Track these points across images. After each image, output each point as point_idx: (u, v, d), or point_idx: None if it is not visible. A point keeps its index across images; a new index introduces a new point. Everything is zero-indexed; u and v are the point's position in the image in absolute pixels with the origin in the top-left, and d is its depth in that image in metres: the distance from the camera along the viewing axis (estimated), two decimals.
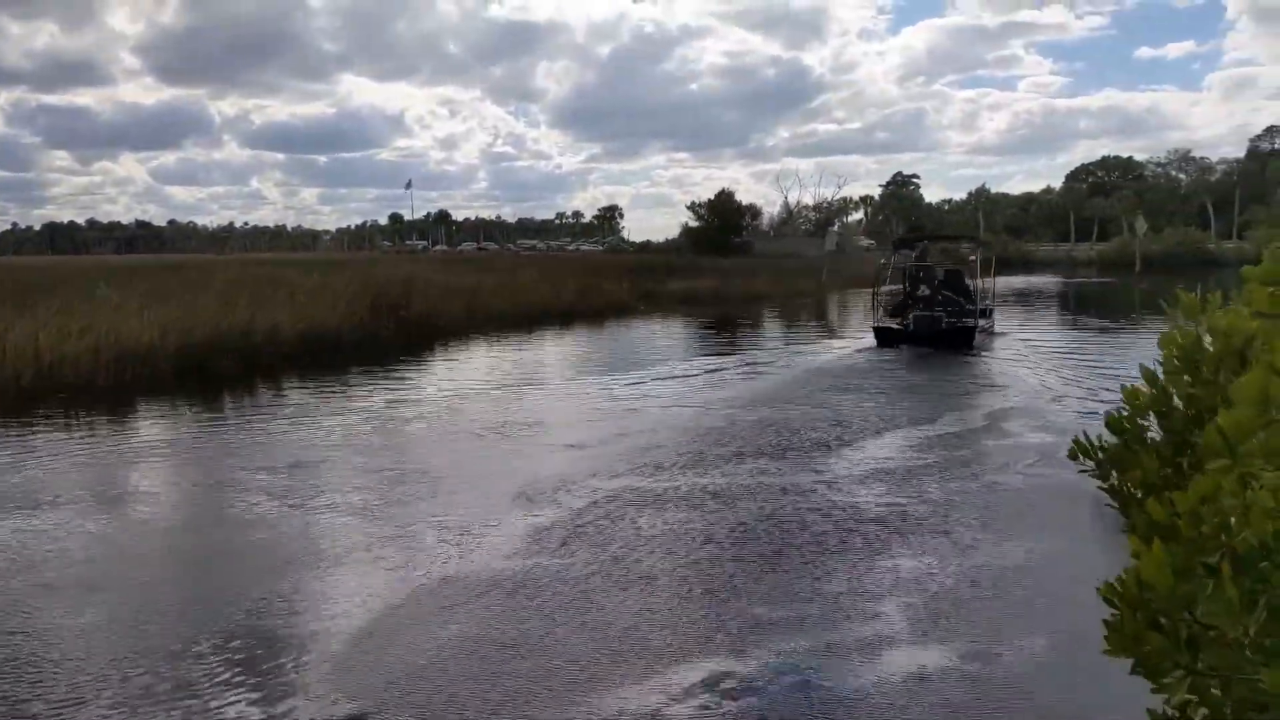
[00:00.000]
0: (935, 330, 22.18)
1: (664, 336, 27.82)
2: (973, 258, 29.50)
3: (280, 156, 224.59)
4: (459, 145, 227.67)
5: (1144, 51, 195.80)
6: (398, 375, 19.13)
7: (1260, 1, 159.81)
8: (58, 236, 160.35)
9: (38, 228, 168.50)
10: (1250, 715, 2.18)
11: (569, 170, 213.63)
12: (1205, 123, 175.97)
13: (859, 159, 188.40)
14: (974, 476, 9.94)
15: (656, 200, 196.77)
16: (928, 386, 16.65)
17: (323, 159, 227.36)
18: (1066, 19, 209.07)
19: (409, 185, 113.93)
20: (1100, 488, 7.98)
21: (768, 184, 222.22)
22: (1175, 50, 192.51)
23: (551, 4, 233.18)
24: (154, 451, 12.58)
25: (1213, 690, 2.32)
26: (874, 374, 18.16)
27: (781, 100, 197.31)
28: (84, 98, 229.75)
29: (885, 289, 25.33)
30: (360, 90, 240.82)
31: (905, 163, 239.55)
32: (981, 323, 23.39)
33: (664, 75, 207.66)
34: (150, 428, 14.05)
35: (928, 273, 24.92)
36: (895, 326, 22.96)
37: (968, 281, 25.16)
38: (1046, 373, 17.94)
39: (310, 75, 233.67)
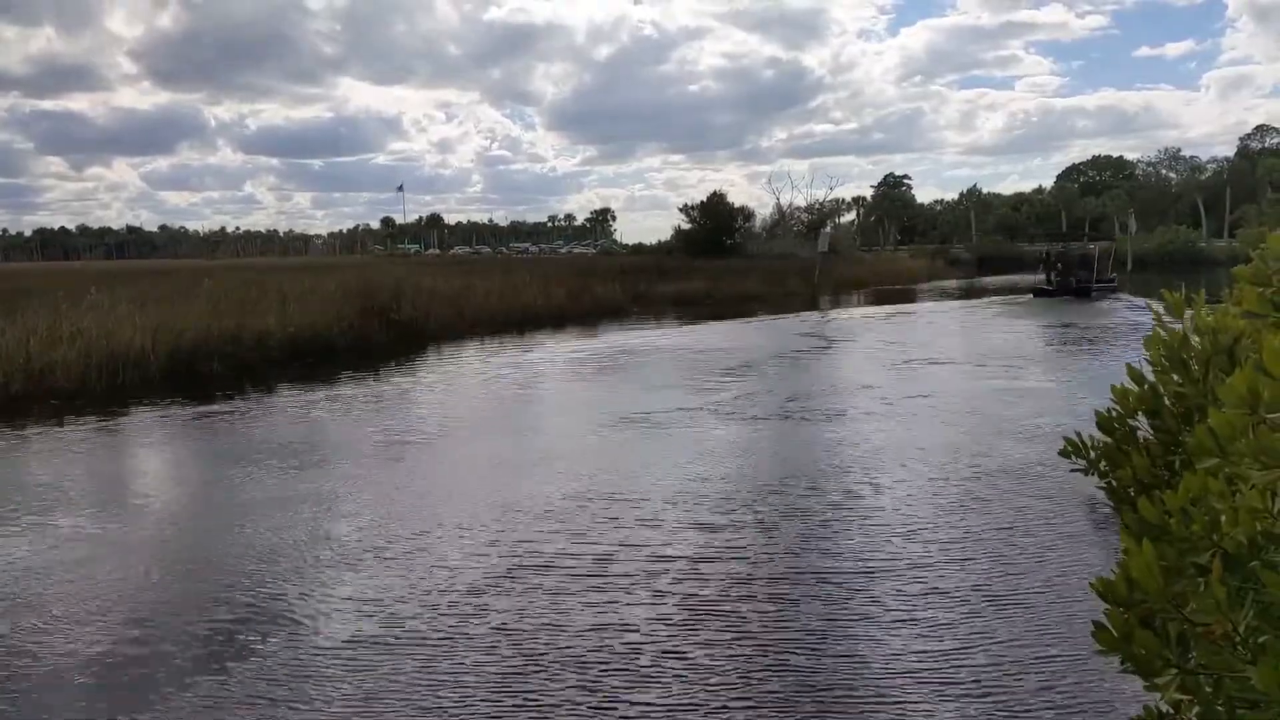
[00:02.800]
0: (1069, 289, 39.02)
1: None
2: (1091, 247, 45.43)
3: (275, 161, 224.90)
4: (455, 148, 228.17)
5: (1143, 51, 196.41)
6: (386, 379, 19.12)
7: (1261, 0, 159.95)
8: (48, 242, 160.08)
9: (28, 234, 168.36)
10: (1243, 712, 2.19)
11: (564, 173, 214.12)
12: (1201, 121, 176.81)
13: (854, 159, 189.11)
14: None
15: (651, 203, 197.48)
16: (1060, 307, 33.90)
17: (318, 163, 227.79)
18: (1067, 18, 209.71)
19: (400, 189, 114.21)
20: (1098, 486, 7.94)
21: (761, 186, 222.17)
22: (1174, 50, 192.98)
23: (550, 6, 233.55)
24: (142, 456, 12.58)
25: (1205, 688, 2.34)
26: (1038, 303, 36.68)
27: (778, 101, 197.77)
28: (79, 103, 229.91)
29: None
30: (357, 94, 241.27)
31: (900, 164, 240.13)
32: (1099, 285, 39.44)
33: (661, 77, 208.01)
34: (140, 433, 14.01)
35: (1068, 256, 42.36)
36: (1047, 287, 40.08)
37: (1092, 262, 41.43)
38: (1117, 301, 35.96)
39: (307, 79, 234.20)
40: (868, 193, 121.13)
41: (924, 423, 12.63)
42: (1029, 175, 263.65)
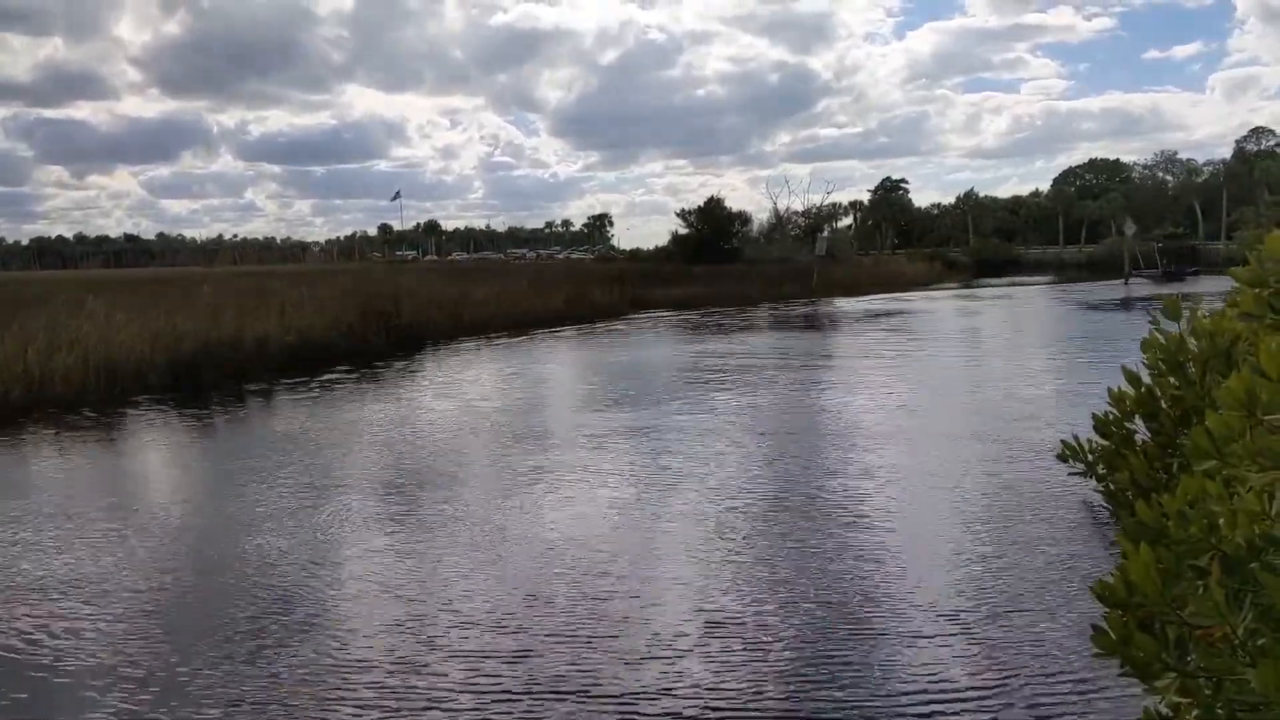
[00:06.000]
0: (1171, 273, 53.62)
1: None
2: (1185, 247, 64.92)
3: (277, 168, 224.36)
4: (458, 154, 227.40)
5: (1151, 53, 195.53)
6: (385, 387, 19.10)
7: (1271, 1, 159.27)
8: (45, 252, 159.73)
9: (25, 243, 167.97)
10: (1242, 715, 2.19)
11: (566, 178, 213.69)
12: (1206, 123, 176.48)
13: (856, 164, 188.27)
14: None
15: (651, 208, 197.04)
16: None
17: (319, 170, 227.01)
18: (1074, 21, 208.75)
19: (396, 196, 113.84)
20: (1096, 489, 7.94)
21: (760, 191, 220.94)
22: (1182, 52, 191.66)
23: (557, 12, 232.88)
24: (138, 466, 12.58)
25: (1204, 691, 2.34)
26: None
27: (784, 105, 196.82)
28: (83, 111, 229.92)
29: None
30: (363, 100, 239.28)
31: (903, 167, 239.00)
32: (1191, 271, 54.22)
33: (667, 82, 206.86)
34: (139, 442, 13.99)
35: (1162, 253, 58.40)
36: (1153, 270, 55.20)
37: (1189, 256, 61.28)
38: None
39: (314, 86, 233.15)
40: (866, 197, 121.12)
41: None
42: (1030, 178, 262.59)
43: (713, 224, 62.17)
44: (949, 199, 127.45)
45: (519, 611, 6.52)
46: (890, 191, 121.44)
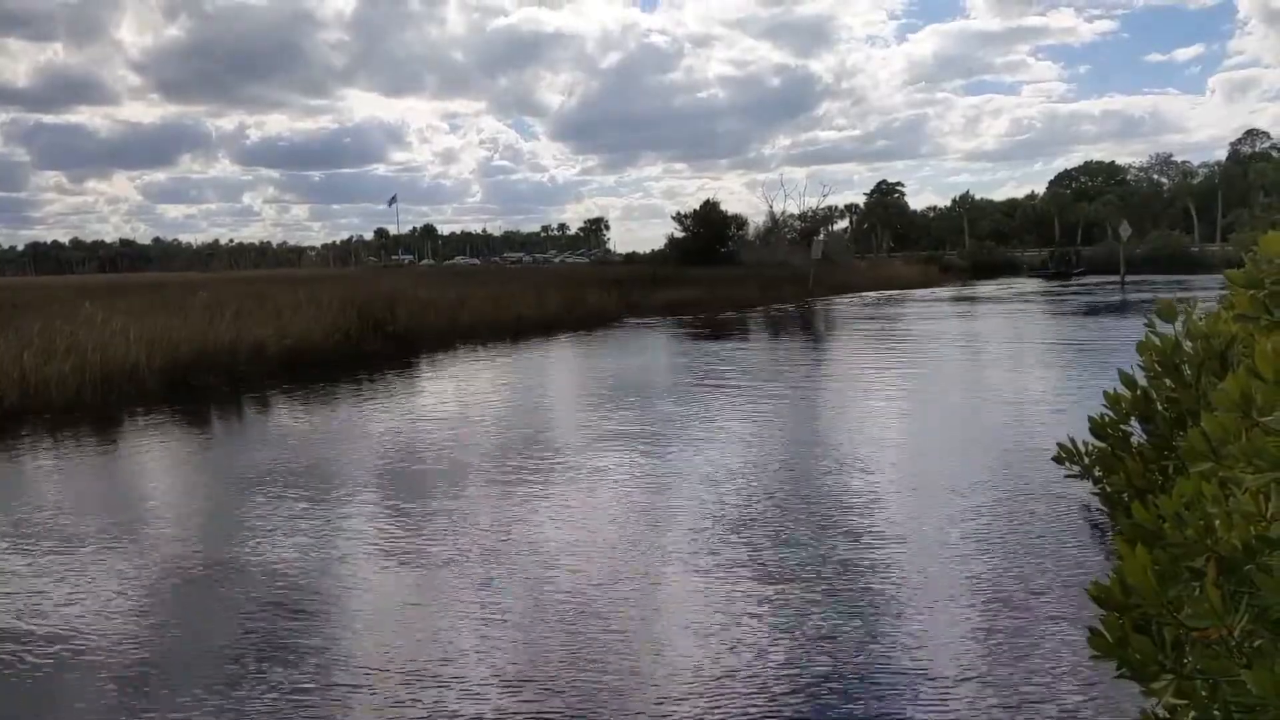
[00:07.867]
0: (1054, 271, 68.65)
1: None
2: (1073, 253, 76.09)
3: (275, 173, 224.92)
4: (457, 159, 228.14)
5: (1152, 55, 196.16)
6: (381, 391, 19.08)
7: (1273, 3, 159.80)
8: (41, 257, 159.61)
9: (21, 248, 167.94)
10: (1239, 716, 2.19)
11: (564, 182, 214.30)
12: (1206, 125, 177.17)
13: (855, 166, 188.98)
14: None
15: (648, 211, 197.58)
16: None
17: (317, 175, 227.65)
18: (1075, 23, 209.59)
19: (392, 201, 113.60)
20: (1092, 491, 7.93)
21: (758, 194, 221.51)
22: (1183, 54, 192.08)
23: (559, 16, 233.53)
24: (135, 473, 12.55)
25: (1201, 692, 2.33)
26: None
27: (784, 109, 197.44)
28: (81, 116, 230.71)
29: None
30: (363, 105, 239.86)
31: (901, 170, 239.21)
32: (1078, 271, 68.38)
33: (668, 85, 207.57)
34: (135, 448, 13.96)
35: (1058, 257, 74.18)
36: (1049, 269, 70.65)
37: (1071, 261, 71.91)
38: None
39: (316, 91, 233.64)
40: (862, 200, 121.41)
41: None
42: (1029, 180, 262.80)
43: (709, 227, 62.26)
44: (947, 202, 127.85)
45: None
46: (886, 195, 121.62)
